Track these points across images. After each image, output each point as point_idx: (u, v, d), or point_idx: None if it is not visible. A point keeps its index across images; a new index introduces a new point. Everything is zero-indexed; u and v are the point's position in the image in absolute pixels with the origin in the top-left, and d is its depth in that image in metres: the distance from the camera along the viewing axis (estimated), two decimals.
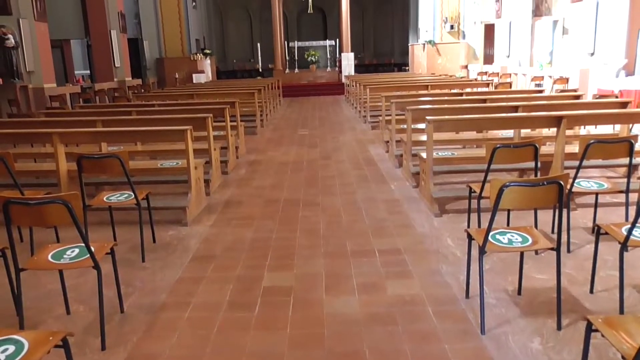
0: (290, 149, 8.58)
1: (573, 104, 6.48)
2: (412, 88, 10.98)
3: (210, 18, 24.36)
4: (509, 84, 11.86)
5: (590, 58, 10.39)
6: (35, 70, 10.96)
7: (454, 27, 19.46)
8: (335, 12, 25.82)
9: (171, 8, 19.51)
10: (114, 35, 15.08)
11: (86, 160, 3.93)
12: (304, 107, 15.66)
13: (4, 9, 10.29)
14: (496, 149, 3.67)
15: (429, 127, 4.94)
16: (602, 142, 3.80)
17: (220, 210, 5.19)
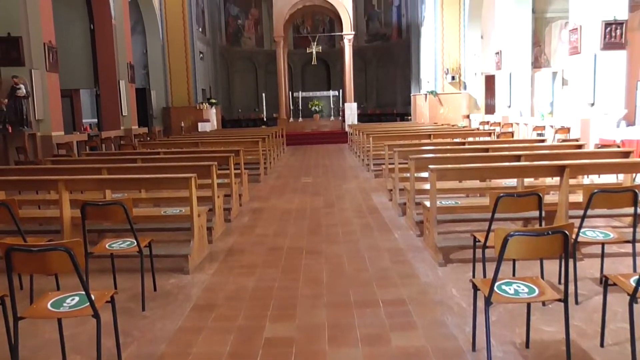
0: (294, 196, 8.60)
1: (575, 153, 6.51)
2: (414, 137, 11.10)
3: (216, 69, 24.98)
4: (510, 133, 11.98)
5: (591, 108, 10.54)
6: (45, 119, 11.16)
7: (455, 78, 19.89)
8: (339, 64, 26.47)
9: (179, 59, 20.06)
10: (123, 85, 15.45)
11: (90, 207, 3.94)
12: (308, 155, 15.80)
13: (18, 60, 10.59)
14: (500, 198, 3.66)
15: (432, 175, 4.96)
16: (606, 191, 3.80)
17: (223, 258, 5.15)
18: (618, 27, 10.23)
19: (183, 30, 20.02)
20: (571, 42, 11.22)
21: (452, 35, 19.92)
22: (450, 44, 19.96)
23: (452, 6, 19.80)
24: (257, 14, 27.83)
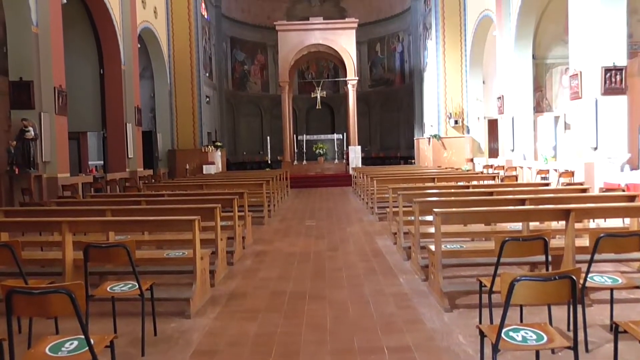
0: (297, 239, 8.55)
1: (580, 197, 6.50)
2: (418, 180, 11.13)
3: (222, 113, 25.38)
4: (514, 177, 12.00)
5: (594, 152, 10.57)
6: (51, 161, 11.27)
7: (458, 122, 20.10)
8: (343, 109, 26.88)
9: (186, 103, 20.43)
10: (130, 128, 15.66)
11: (93, 249, 3.92)
12: (312, 198, 15.82)
13: (28, 103, 10.79)
14: (505, 242, 3.63)
15: (437, 219, 4.94)
16: (613, 235, 3.77)
17: (225, 302, 5.07)
18: (618, 73, 10.39)
19: (190, 75, 20.49)
20: (572, 87, 11.38)
21: (454, 80, 20.27)
22: (452, 89, 20.29)
23: (453, 52, 20.24)
24: (263, 59, 28.49)
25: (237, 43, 27.13)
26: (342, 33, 22.23)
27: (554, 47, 15.51)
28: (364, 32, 26.23)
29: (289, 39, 22.28)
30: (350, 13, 26.84)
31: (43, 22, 11.09)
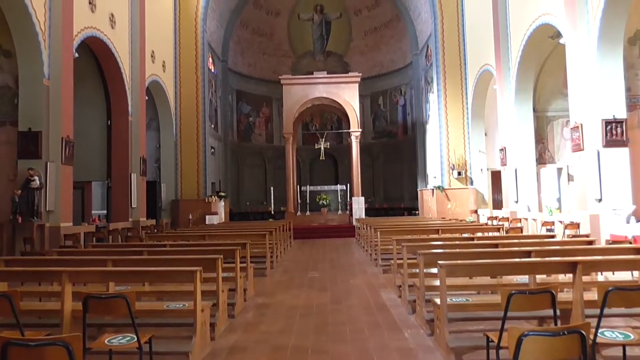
0: (300, 292, 8.41)
1: (587, 249, 6.41)
2: (423, 232, 11.04)
3: (227, 163, 25.61)
4: (519, 228, 11.91)
5: (599, 204, 10.54)
6: (55, 210, 11.30)
7: (462, 173, 20.18)
8: (346, 160, 27.09)
9: (191, 154, 20.66)
10: (134, 178, 15.78)
11: (93, 300, 3.86)
12: (315, 249, 15.69)
13: (35, 153, 10.95)
14: (511, 295, 3.56)
15: (442, 271, 4.87)
16: (622, 289, 3.69)
17: (225, 356, 4.93)
18: (618, 126, 10.51)
19: (196, 127, 20.83)
20: (573, 139, 11.48)
21: (457, 132, 20.52)
22: (455, 141, 20.50)
23: (455, 105, 20.60)
24: (268, 112, 29.01)
25: (242, 96, 27.72)
26: (345, 87, 22.73)
27: (554, 100, 15.77)
28: (367, 85, 26.82)
29: (293, 92, 22.77)
30: (354, 67, 27.54)
31: (55, 75, 11.41)
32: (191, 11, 21.03)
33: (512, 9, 15.24)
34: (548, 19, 12.69)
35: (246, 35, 27.23)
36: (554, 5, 12.24)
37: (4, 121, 11.31)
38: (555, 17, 12.31)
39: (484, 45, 17.66)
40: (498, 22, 15.99)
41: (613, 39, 10.37)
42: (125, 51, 15.59)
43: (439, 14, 20.97)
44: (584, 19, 10.86)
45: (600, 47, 10.44)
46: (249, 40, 27.51)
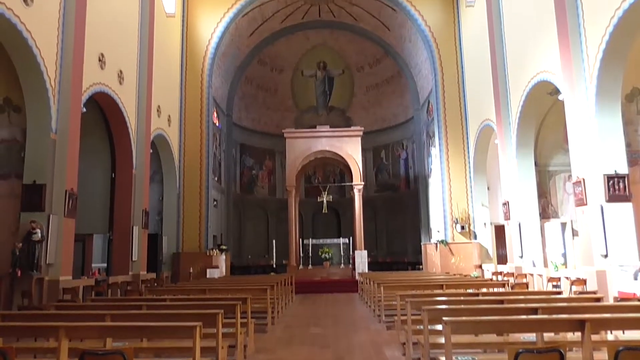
0: (302, 349, 8.19)
1: (595, 306, 6.27)
2: (427, 287, 10.86)
3: (229, 216, 25.58)
4: (525, 284, 11.73)
5: (605, 260, 10.40)
6: (55, 263, 11.20)
7: (465, 227, 20.07)
8: (349, 213, 27.05)
9: (193, 207, 20.69)
10: (136, 231, 15.73)
11: (89, 357, 3.76)
12: (317, 304, 15.39)
13: (39, 206, 10.98)
14: (519, 353, 3.46)
15: (447, 328, 4.75)
16: (633, 349, 3.58)
17: None
18: (620, 181, 10.53)
19: (199, 180, 20.97)
20: (576, 194, 11.48)
21: (459, 186, 20.58)
22: (457, 195, 20.52)
23: (457, 159, 20.76)
24: (271, 165, 29.26)
25: (246, 149, 28.05)
26: (348, 140, 23.02)
27: (555, 155, 15.88)
28: (370, 139, 27.15)
29: (296, 146, 23.05)
30: (356, 121, 28.00)
31: (62, 129, 11.60)
32: (197, 68, 21.64)
33: (510, 66, 15.64)
34: (546, 76, 12.99)
35: (251, 90, 27.87)
36: (552, 63, 12.56)
37: (9, 174, 11.41)
38: (553, 75, 12.60)
39: (484, 100, 18.01)
40: (497, 78, 16.37)
41: (610, 96, 10.57)
42: (132, 106, 15.93)
43: (439, 71, 21.51)
44: (581, 76, 11.12)
45: (599, 104, 10.62)
46: (254, 95, 28.14)
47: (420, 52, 23.05)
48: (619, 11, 9.68)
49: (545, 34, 12.84)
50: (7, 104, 11.53)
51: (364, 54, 27.81)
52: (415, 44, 23.22)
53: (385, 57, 27.06)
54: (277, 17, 24.84)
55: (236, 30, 23.10)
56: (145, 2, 16.92)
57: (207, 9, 21.92)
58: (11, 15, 9.93)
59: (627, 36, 9.97)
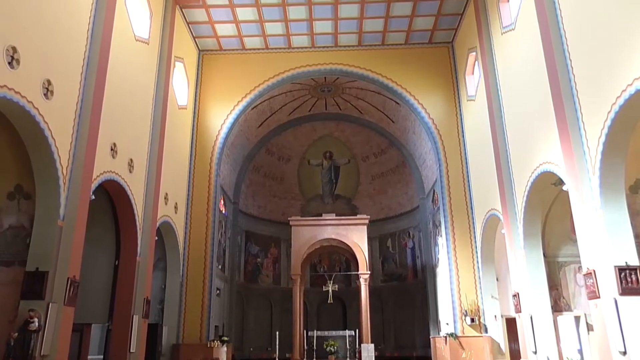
0: None
1: None
2: None
3: (232, 305, 24.96)
4: None
5: (624, 357, 9.91)
6: (50, 355, 10.80)
7: (475, 320, 19.40)
8: (355, 303, 26.35)
9: (196, 296, 20.28)
10: (136, 321, 15.30)
11: None
12: None
13: (39, 294, 10.77)
14: None
15: None
16: None
17: None
18: (632, 273, 10.29)
19: (204, 268, 20.73)
20: (588, 286, 11.20)
21: (467, 277, 20.17)
22: (466, 286, 20.05)
23: (464, 249, 20.52)
24: (276, 253, 29.02)
25: (251, 237, 27.97)
26: (354, 229, 22.94)
27: (564, 246, 15.69)
28: (375, 228, 27.07)
29: (302, 234, 22.97)
30: (362, 210, 28.10)
31: (69, 217, 11.68)
32: (206, 157, 22.16)
33: (513, 157, 15.90)
34: (549, 167, 13.15)
35: (258, 178, 28.31)
36: (554, 154, 12.76)
37: (12, 261, 11.32)
38: (556, 166, 12.77)
39: (489, 190, 18.13)
40: (500, 169, 16.59)
41: (614, 188, 10.62)
42: (140, 193, 16.14)
43: (443, 161, 21.87)
44: (584, 168, 11.25)
45: (603, 195, 10.65)
46: (260, 183, 28.53)
47: (424, 143, 23.61)
48: (615, 106, 9.98)
49: (545, 126, 13.18)
50: (18, 191, 11.70)
51: (369, 144, 28.53)
52: (419, 136, 23.84)
53: (390, 147, 27.72)
54: (285, 110, 25.83)
55: (245, 122, 23.92)
56: (160, 95, 17.69)
57: (218, 102, 22.86)
58: (31, 108, 10.37)
59: (625, 130, 10.19)
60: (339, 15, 21.12)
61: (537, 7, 13.42)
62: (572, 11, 11.82)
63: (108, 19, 13.52)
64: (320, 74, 23.32)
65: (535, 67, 13.74)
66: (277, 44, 23.04)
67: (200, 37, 22.46)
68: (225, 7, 20.44)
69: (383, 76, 22.93)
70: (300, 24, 21.74)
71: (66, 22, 11.76)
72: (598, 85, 10.67)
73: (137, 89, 16.01)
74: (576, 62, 11.65)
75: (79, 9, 12.40)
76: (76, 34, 12.24)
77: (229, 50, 23.38)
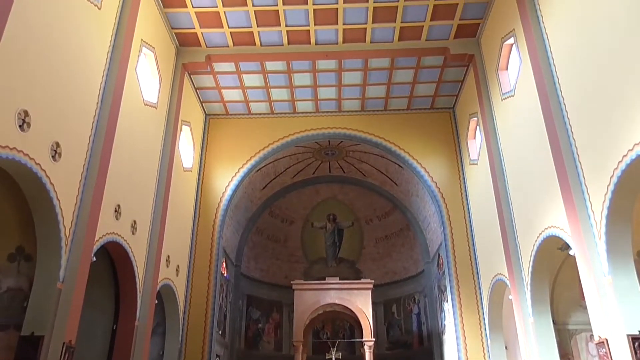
0: None
1: None
2: None
3: None
4: None
5: None
6: None
7: None
8: None
9: None
10: None
11: None
12: None
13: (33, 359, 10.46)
14: None
15: None
16: None
17: None
18: None
19: (203, 333, 20.17)
20: (601, 356, 10.81)
21: (475, 344, 19.51)
22: (473, 354, 19.35)
23: (471, 315, 19.98)
24: (278, 318, 28.32)
25: (253, 301, 27.39)
26: (358, 293, 22.51)
27: (574, 313, 15.31)
28: (380, 292, 26.54)
29: (305, 298, 22.53)
30: (366, 274, 27.67)
31: (69, 279, 11.51)
32: (210, 219, 22.12)
33: (518, 221, 15.80)
34: (555, 231, 13.03)
35: (261, 240, 28.12)
36: (559, 218, 12.68)
37: (8, 325, 11.04)
38: (561, 230, 12.65)
39: (495, 255, 17.90)
40: (505, 233, 16.45)
41: (622, 253, 10.47)
42: (142, 255, 16.00)
43: (448, 225, 21.73)
44: (590, 233, 11.15)
45: (611, 261, 10.48)
46: (263, 245, 28.31)
47: (428, 206, 23.59)
48: (617, 171, 10.02)
49: (549, 190, 13.18)
50: (19, 253, 11.62)
51: (372, 207, 28.52)
52: (423, 199, 23.87)
53: (394, 210, 27.68)
54: (289, 172, 26.07)
55: (249, 184, 24.09)
56: (166, 157, 17.93)
57: (222, 164, 23.11)
58: (38, 170, 10.47)
59: (629, 195, 10.18)
60: (342, 82, 21.75)
61: (535, 76, 13.80)
62: (570, 79, 12.13)
63: (119, 85, 13.95)
64: (324, 137, 23.71)
65: (536, 132, 13.93)
66: (282, 109, 23.59)
67: (207, 102, 23.05)
68: (233, 74, 21.11)
69: (386, 140, 23.27)
70: (305, 90, 22.34)
71: (78, 86, 12.12)
72: (599, 150, 10.76)
73: (143, 151, 16.25)
74: (576, 127, 11.82)
75: (92, 73, 12.82)
76: (87, 98, 12.58)
77: (235, 114, 23.91)
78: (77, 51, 12.00)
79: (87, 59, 12.55)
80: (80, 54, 12.19)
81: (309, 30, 18.85)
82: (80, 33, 12.19)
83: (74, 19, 11.91)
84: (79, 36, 12.09)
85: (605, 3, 10.44)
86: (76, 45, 11.97)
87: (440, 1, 17.39)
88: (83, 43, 12.31)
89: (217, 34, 19.01)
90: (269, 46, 19.66)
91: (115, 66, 13.84)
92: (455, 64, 20.55)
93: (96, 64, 13.04)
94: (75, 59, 11.91)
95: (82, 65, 12.31)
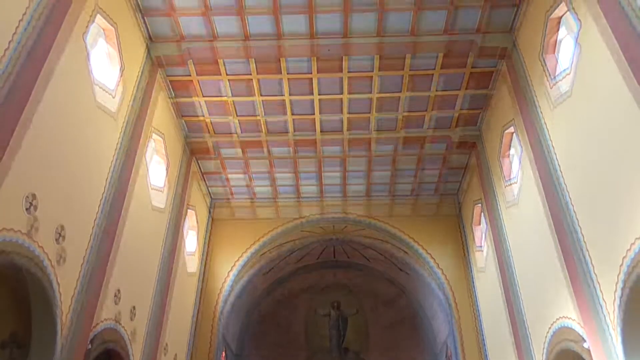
0: None
1: None
2: None
3: None
4: None
5: None
6: None
7: None
8: None
9: None
10: None
11: None
12: None
13: None
14: None
15: None
16: None
17: None
18: None
19: None
20: None
21: None
22: None
23: None
24: None
25: None
26: None
27: None
28: None
29: None
30: None
31: None
32: (211, 305, 21.55)
33: (527, 311, 15.28)
34: (567, 322, 12.57)
35: (263, 327, 27.29)
36: (570, 309, 12.29)
37: None
38: (573, 321, 12.21)
39: (505, 345, 17.16)
40: (515, 322, 15.88)
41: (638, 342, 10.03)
42: (140, 343, 15.44)
43: (455, 314, 21.07)
44: (602, 323, 10.75)
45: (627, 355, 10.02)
46: (265, 332, 27.42)
47: (434, 293, 23.03)
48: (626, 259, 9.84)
49: (558, 282, 12.88)
50: (12, 339, 11.23)
51: (377, 293, 27.89)
52: (429, 286, 23.37)
53: (399, 297, 27.05)
54: (293, 257, 25.77)
55: (252, 269, 23.75)
56: (169, 241, 17.81)
57: (227, 247, 22.91)
58: (40, 252, 10.33)
59: None
60: (347, 167, 21.99)
61: (536, 162, 14.01)
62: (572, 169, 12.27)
63: (127, 170, 14.21)
64: (329, 222, 23.66)
65: (538, 219, 13.89)
66: (286, 193, 23.70)
67: (213, 187, 23.22)
68: (239, 159, 21.37)
69: (391, 225, 23.19)
70: (310, 175, 22.52)
71: (87, 171, 12.32)
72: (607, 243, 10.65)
73: (147, 234, 16.18)
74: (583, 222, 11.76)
75: (102, 158, 13.07)
76: (95, 182, 12.74)
77: (239, 198, 23.93)
78: (89, 151, 12.34)
79: (96, 155, 12.88)
80: (92, 154, 12.52)
81: (314, 119, 19.30)
82: (97, 139, 12.60)
83: (91, 126, 12.33)
84: (94, 141, 12.48)
85: (606, 99, 10.70)
86: (89, 147, 12.33)
87: (441, 92, 17.96)
88: (95, 146, 12.70)
89: (225, 122, 19.40)
90: (275, 134, 20.01)
91: (123, 152, 14.14)
92: (457, 151, 20.88)
93: (107, 150, 13.35)
94: (85, 154, 12.22)
95: (92, 157, 12.62)
